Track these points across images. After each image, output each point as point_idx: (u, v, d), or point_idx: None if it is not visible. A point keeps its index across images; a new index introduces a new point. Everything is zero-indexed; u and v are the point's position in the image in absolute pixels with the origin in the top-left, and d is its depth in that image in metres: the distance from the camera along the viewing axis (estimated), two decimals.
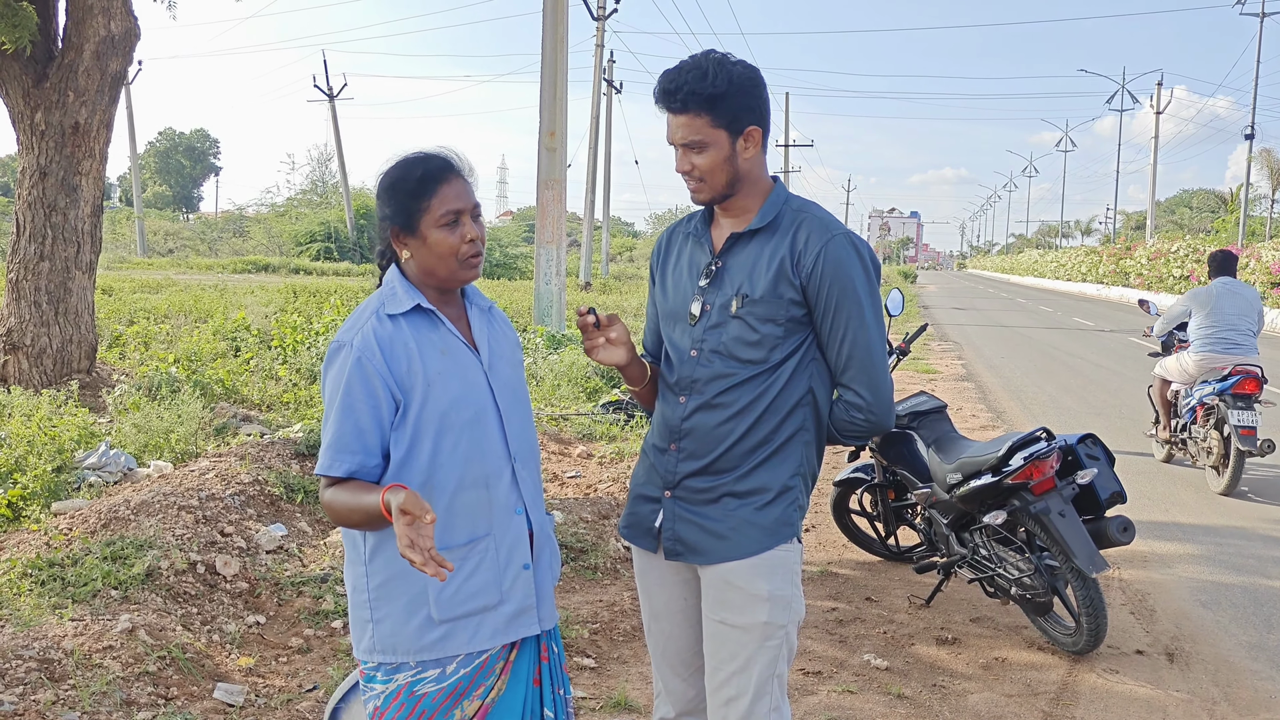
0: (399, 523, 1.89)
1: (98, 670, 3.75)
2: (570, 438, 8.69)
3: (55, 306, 8.65)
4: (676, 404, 2.53)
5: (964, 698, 4.29)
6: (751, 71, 2.42)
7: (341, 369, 2.15)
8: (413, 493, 1.92)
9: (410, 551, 1.88)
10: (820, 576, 5.74)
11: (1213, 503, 7.66)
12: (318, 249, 45.22)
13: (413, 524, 1.89)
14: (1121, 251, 48.86)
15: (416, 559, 1.88)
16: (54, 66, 8.56)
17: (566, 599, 5.09)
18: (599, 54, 36.50)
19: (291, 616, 4.63)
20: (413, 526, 1.89)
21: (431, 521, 1.89)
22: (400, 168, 2.24)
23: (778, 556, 2.47)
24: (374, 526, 2.09)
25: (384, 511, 1.98)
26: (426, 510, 1.89)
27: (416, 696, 2.18)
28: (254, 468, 5.87)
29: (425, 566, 1.88)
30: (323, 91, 46.55)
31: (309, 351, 10.69)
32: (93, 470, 6.20)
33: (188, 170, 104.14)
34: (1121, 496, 4.78)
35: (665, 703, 2.72)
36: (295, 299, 18.59)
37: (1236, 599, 5.61)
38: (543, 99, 13.79)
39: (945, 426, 5.39)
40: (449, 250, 2.21)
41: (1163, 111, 52.72)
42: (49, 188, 8.56)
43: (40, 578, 4.44)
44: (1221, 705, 4.30)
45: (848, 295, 2.41)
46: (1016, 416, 11.32)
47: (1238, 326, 8.05)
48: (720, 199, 2.49)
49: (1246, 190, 42.33)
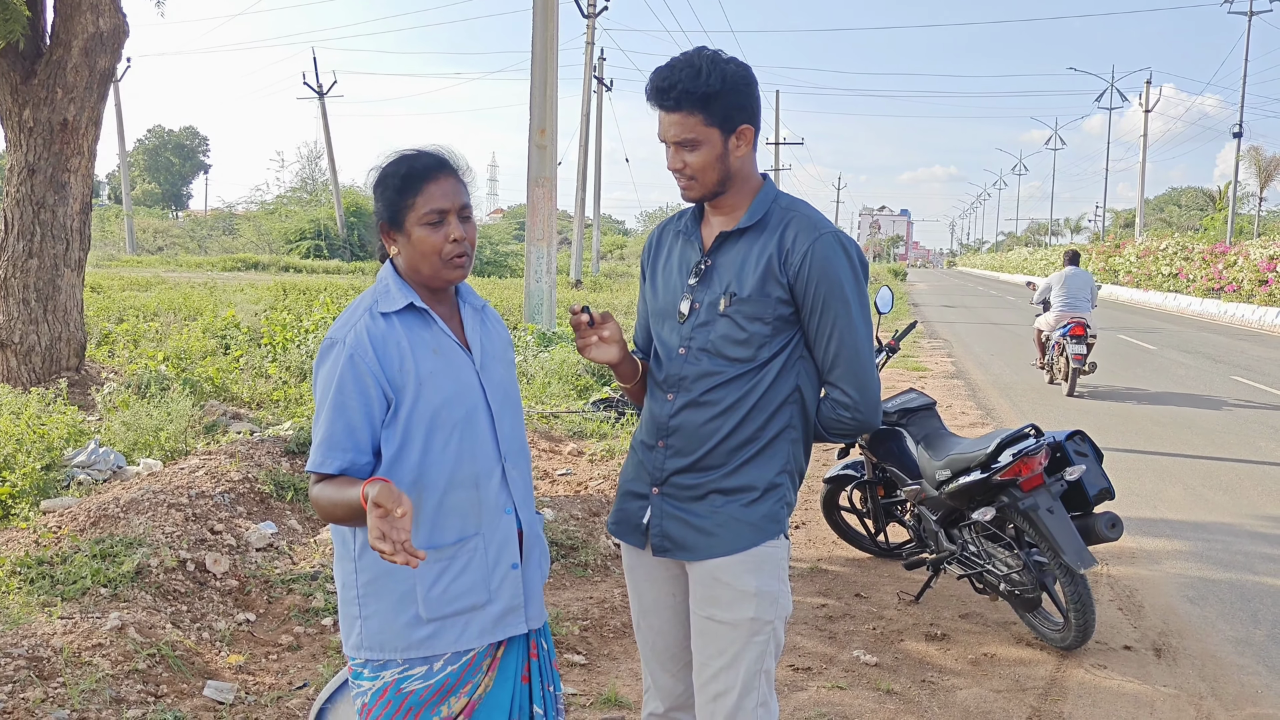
0: (371, 515, 1.87)
1: (87, 668, 3.75)
2: (561, 435, 8.69)
3: (44, 304, 8.62)
4: (664, 401, 2.53)
5: (953, 693, 4.31)
6: (744, 70, 2.42)
7: (334, 367, 2.15)
8: (387, 485, 1.90)
9: (380, 543, 1.86)
10: (810, 573, 5.76)
11: (1196, 498, 7.70)
12: (307, 247, 45.10)
13: (384, 516, 1.87)
14: (1110, 249, 49.03)
15: (385, 549, 1.86)
16: (42, 63, 8.53)
17: (557, 596, 5.10)
18: (589, 51, 36.46)
19: (281, 614, 4.63)
20: (385, 519, 1.87)
21: (403, 515, 1.87)
22: (391, 163, 2.24)
23: (765, 552, 2.48)
24: (358, 521, 2.09)
25: (364, 504, 1.97)
26: (399, 502, 1.87)
27: (404, 694, 2.19)
28: (244, 465, 5.87)
29: (394, 557, 1.86)
30: (312, 89, 46.40)
31: (299, 349, 10.68)
32: (82, 468, 6.18)
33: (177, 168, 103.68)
34: (1110, 493, 4.80)
35: (655, 698, 2.73)
36: (285, 297, 18.55)
37: (1223, 594, 5.65)
38: (533, 97, 13.77)
39: (935, 423, 5.41)
40: (432, 249, 2.20)
41: (1151, 110, 52.87)
42: (37, 185, 8.53)
43: (29, 576, 4.44)
44: (1208, 700, 4.33)
45: (835, 294, 2.42)
46: (1006, 413, 11.35)
47: (1078, 295, 13.03)
48: (711, 197, 2.49)
49: (1235, 188, 42.52)
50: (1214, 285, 33.21)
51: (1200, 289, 34.50)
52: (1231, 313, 30.02)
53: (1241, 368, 16.75)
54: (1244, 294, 30.54)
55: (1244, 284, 30.65)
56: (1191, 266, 36.18)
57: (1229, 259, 32.67)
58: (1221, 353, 19.22)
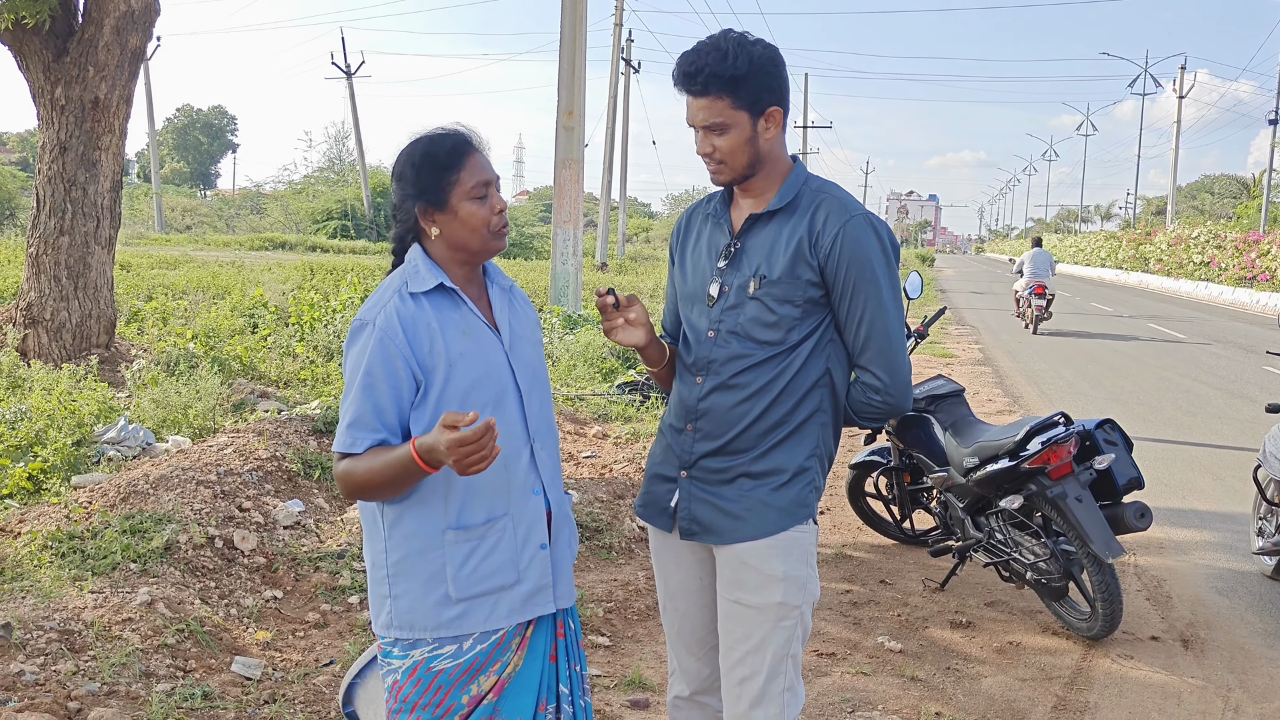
0: (444, 439, 1.95)
1: (117, 642, 3.79)
2: (586, 418, 8.70)
3: (75, 281, 8.69)
4: (693, 384, 2.52)
5: (977, 681, 4.29)
6: (771, 51, 2.40)
7: (364, 348, 2.16)
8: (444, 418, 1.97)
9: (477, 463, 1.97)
10: (835, 559, 5.75)
11: (1225, 489, 7.63)
12: (334, 227, 45.26)
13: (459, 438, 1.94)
14: (1141, 237, 48.53)
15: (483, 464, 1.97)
16: (74, 41, 8.58)
17: (582, 578, 5.11)
18: (617, 33, 36.38)
19: (308, 592, 4.66)
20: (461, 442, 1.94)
21: (473, 420, 1.94)
22: (428, 143, 2.23)
23: (793, 537, 2.47)
24: (398, 485, 2.11)
25: (415, 458, 2.03)
26: (462, 417, 1.95)
27: (434, 673, 2.20)
28: (271, 444, 5.90)
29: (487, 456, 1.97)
30: (340, 69, 46.50)
31: (326, 329, 10.72)
32: (112, 445, 6.24)
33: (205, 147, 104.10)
34: (1139, 482, 4.76)
35: (680, 681, 2.73)
36: (312, 276, 18.64)
37: (1253, 586, 5.59)
38: (561, 78, 13.74)
39: (962, 410, 5.38)
40: (481, 222, 2.22)
41: (1185, 95, 52.11)
42: (69, 163, 8.59)
43: (60, 550, 4.49)
44: (1236, 692, 4.29)
45: (866, 276, 2.40)
46: (1034, 401, 11.27)
47: (1040, 268, 19.02)
48: (741, 180, 2.47)
49: (1269, 176, 41.89)
50: (1246, 274, 32.81)
51: (1232, 278, 34.10)
52: (1264, 302, 29.64)
53: (1274, 358, 16.52)
54: (1277, 283, 30.17)
55: (1277, 273, 30.26)
56: (1224, 255, 35.76)
57: (1262, 247, 32.25)
58: (1253, 342, 19.00)
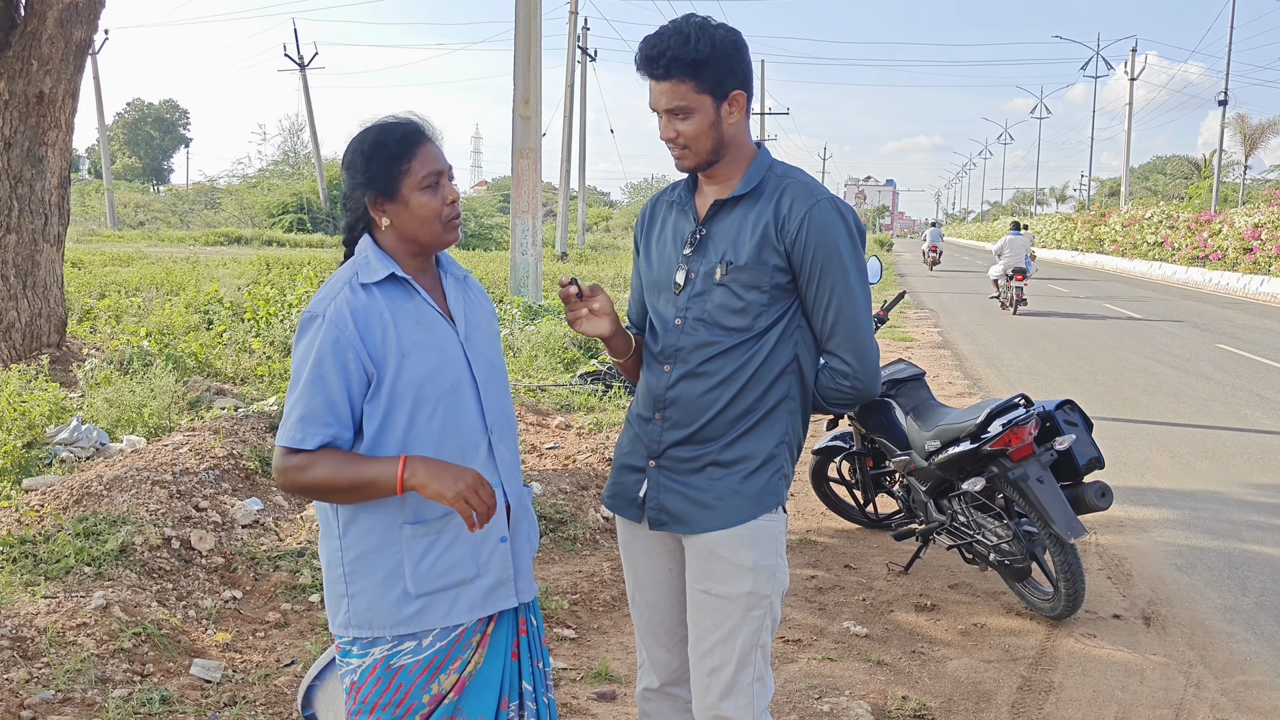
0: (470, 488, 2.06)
1: (72, 648, 3.71)
2: (548, 409, 8.65)
3: (23, 280, 8.51)
4: (661, 373, 2.50)
5: (943, 663, 4.31)
6: (734, 35, 2.38)
7: (313, 341, 2.10)
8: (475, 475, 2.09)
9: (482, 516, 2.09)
10: (799, 545, 5.75)
11: (1183, 467, 7.73)
12: (290, 220, 44.72)
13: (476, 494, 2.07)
14: (1096, 218, 49.12)
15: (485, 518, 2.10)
16: (16, 35, 8.37)
17: (545, 570, 5.07)
18: (573, 21, 36.19)
19: (268, 591, 4.59)
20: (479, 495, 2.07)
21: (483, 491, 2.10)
22: (379, 131, 2.19)
23: (762, 526, 2.45)
24: (357, 495, 2.09)
25: (398, 484, 2.05)
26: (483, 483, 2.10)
27: (393, 670, 2.16)
28: (228, 442, 5.81)
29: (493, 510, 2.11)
30: (293, 61, 45.89)
31: (282, 324, 10.58)
32: (64, 446, 6.12)
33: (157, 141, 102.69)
34: (1099, 462, 4.79)
35: (649, 673, 2.70)
36: (268, 271, 18.40)
37: (1211, 563, 5.66)
38: (516, 67, 13.63)
39: (924, 394, 5.39)
40: (432, 213, 2.17)
41: (1136, 78, 52.73)
42: (14, 159, 8.40)
43: (12, 555, 4.38)
44: (1198, 668, 4.34)
45: (832, 261, 2.38)
46: (993, 384, 11.37)
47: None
48: (705, 166, 2.45)
49: (1220, 156, 42.55)
50: (1199, 254, 33.29)
51: (1185, 257, 34.58)
52: (1216, 281, 30.11)
53: (1227, 335, 16.80)
54: (1229, 262, 30.63)
55: (1228, 252, 30.73)
56: (1176, 235, 36.25)
57: (1214, 227, 32.73)
58: (1207, 321, 19.29)
